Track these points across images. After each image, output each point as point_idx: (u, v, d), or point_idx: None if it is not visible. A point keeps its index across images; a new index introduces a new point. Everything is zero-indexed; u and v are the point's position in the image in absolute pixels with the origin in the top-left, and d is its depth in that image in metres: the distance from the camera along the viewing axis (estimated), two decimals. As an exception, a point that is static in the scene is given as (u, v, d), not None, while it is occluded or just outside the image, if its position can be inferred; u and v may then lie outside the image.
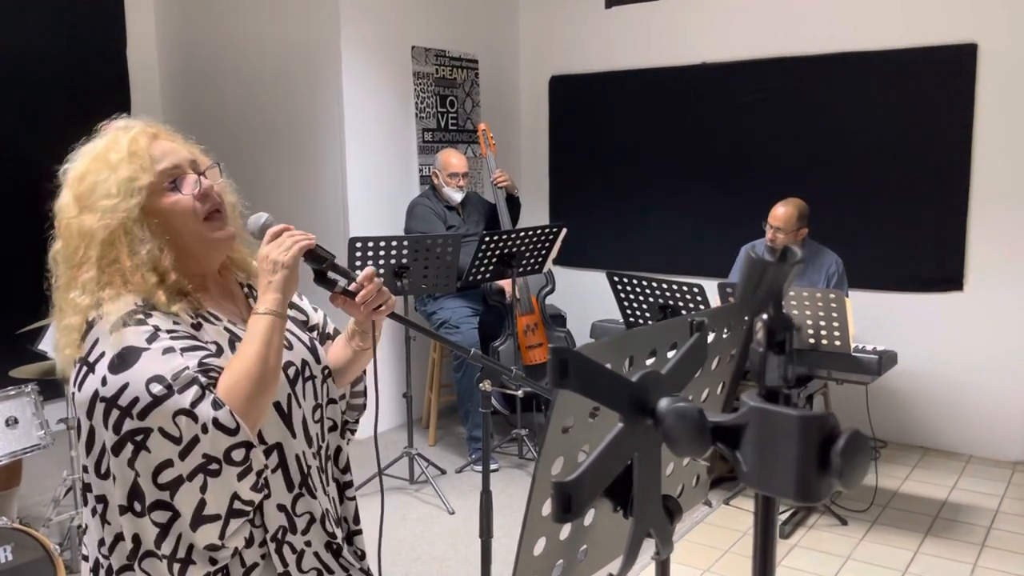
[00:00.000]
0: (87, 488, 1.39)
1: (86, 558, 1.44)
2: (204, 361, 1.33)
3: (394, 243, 3.82)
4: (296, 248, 1.41)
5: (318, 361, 1.56)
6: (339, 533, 1.55)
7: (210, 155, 1.53)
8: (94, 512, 1.38)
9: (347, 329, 1.63)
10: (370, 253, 3.80)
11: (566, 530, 1.20)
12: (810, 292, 3.34)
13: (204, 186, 1.43)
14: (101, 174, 1.37)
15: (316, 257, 1.48)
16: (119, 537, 1.36)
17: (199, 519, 1.30)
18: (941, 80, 4.38)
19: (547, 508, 1.13)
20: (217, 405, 1.29)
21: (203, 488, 1.29)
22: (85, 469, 1.37)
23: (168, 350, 1.31)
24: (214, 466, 1.28)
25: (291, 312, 1.59)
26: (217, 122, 5.10)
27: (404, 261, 3.86)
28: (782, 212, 3.93)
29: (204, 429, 1.27)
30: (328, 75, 4.66)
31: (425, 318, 4.58)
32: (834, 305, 3.31)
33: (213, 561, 1.34)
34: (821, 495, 0.67)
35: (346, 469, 1.64)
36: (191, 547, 1.32)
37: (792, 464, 0.67)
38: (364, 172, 4.77)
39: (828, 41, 4.67)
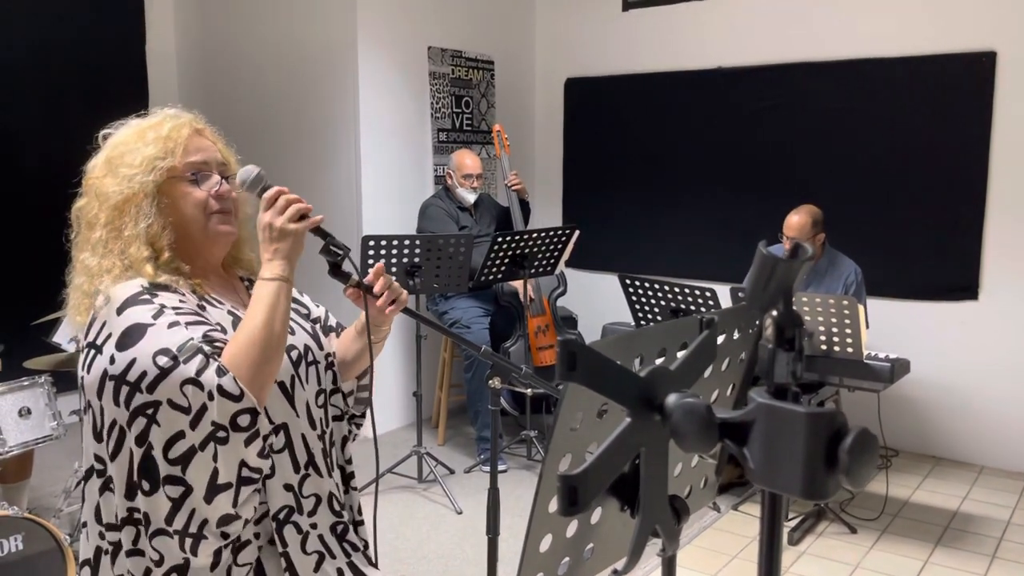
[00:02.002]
0: (91, 473, 1.41)
1: (71, 536, 1.46)
2: (208, 333, 1.36)
3: (407, 242, 3.83)
4: (305, 223, 1.44)
5: (320, 348, 1.59)
6: (346, 515, 1.57)
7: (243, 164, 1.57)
8: (101, 491, 1.40)
9: (357, 322, 1.65)
10: (383, 252, 3.81)
11: (572, 528, 1.20)
12: (823, 298, 3.32)
13: (224, 188, 1.48)
14: (134, 146, 1.44)
15: (322, 232, 1.50)
16: (127, 520, 1.37)
17: (214, 488, 1.32)
18: (959, 88, 4.35)
19: (554, 505, 1.12)
20: (221, 372, 1.31)
21: (215, 457, 1.31)
22: (97, 459, 1.39)
23: (174, 324, 1.34)
24: (222, 433, 1.30)
25: (293, 305, 1.61)
26: (233, 119, 5.11)
27: (416, 260, 3.87)
28: (796, 220, 3.91)
29: (210, 396, 1.30)
30: (344, 74, 4.68)
31: (436, 318, 4.59)
32: (847, 312, 3.29)
33: (225, 535, 1.36)
34: (828, 493, 0.67)
35: (349, 460, 1.66)
36: (204, 522, 1.34)
37: (799, 461, 0.67)
38: (378, 171, 4.78)
39: (846, 47, 4.65)
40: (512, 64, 5.69)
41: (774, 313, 0.70)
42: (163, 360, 1.30)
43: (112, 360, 1.32)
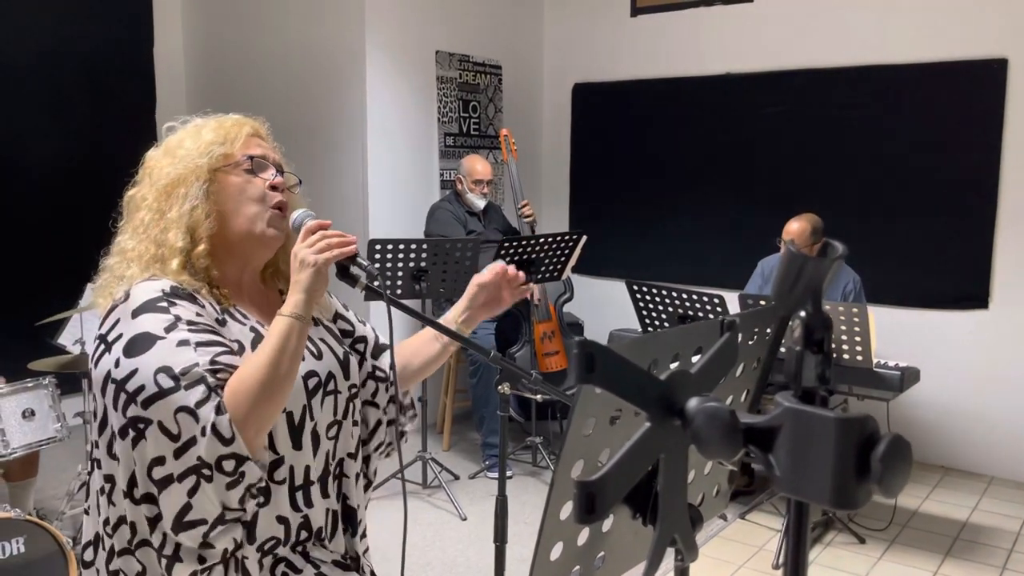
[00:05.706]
0: (96, 464, 1.38)
1: (75, 540, 1.43)
2: (216, 359, 1.30)
3: (413, 246, 3.81)
4: (329, 254, 1.36)
5: (347, 377, 1.52)
6: (327, 554, 1.51)
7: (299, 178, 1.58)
8: (101, 491, 1.37)
9: (433, 330, 1.63)
10: (389, 255, 3.79)
11: (584, 535, 1.17)
12: (832, 306, 3.29)
13: (279, 180, 1.47)
14: (193, 133, 1.45)
15: (347, 267, 1.42)
16: (122, 519, 1.35)
17: (180, 524, 1.28)
18: (970, 95, 4.32)
19: (566, 511, 1.10)
20: (220, 410, 1.26)
21: (192, 491, 1.26)
22: (96, 445, 1.37)
23: (183, 343, 1.29)
24: (207, 471, 1.26)
25: (332, 324, 1.59)
26: (240, 122, 5.11)
27: (423, 264, 3.85)
28: (796, 227, 3.89)
29: (203, 431, 1.25)
30: (352, 78, 4.67)
31: (442, 322, 4.56)
32: (856, 319, 3.26)
33: (202, 560, 1.32)
34: (859, 502, 0.64)
35: (359, 503, 1.58)
36: (178, 544, 1.30)
37: (828, 469, 0.65)
38: (386, 175, 4.76)
39: (855, 53, 4.62)
40: (520, 69, 5.67)
41: (802, 314, 0.68)
42: (164, 379, 1.26)
43: (117, 364, 1.29)
